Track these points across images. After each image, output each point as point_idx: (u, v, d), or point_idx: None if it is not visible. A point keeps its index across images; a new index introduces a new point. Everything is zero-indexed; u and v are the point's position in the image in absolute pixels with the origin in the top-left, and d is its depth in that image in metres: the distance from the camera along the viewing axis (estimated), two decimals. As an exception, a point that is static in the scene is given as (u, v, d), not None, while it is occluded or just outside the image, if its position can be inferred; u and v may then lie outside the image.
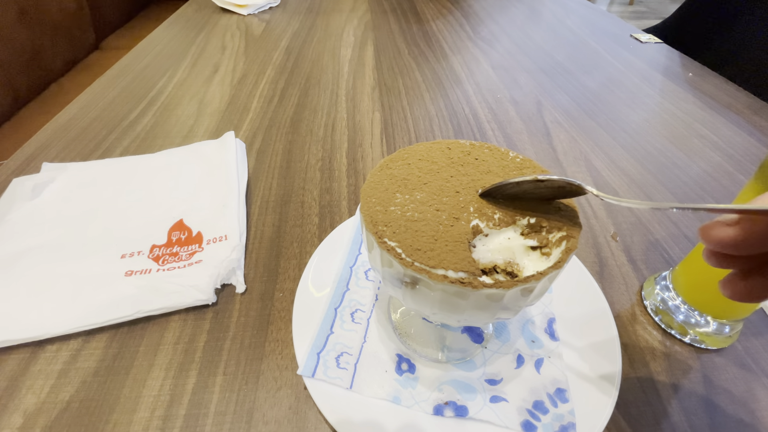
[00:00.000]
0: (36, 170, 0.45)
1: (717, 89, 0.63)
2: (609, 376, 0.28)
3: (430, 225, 0.22)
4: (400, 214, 0.22)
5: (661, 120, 0.57)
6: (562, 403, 0.26)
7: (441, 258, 0.20)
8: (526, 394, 0.27)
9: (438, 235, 0.21)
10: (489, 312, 0.21)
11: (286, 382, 0.29)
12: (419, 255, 0.20)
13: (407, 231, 0.21)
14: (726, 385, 0.29)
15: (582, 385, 0.28)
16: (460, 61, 0.73)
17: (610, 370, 0.28)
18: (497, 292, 0.19)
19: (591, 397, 0.27)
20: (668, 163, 0.49)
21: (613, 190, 0.45)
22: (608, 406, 0.26)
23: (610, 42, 0.79)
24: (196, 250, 0.37)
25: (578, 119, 0.57)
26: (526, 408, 0.27)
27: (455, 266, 0.20)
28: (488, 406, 0.27)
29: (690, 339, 0.31)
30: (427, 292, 0.20)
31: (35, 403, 0.28)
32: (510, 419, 0.26)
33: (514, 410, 0.26)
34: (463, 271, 0.20)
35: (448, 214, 0.22)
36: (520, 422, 0.26)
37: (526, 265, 0.22)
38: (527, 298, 0.21)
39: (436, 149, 0.27)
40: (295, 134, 0.54)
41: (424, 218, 0.22)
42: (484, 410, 0.26)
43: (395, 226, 0.22)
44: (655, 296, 0.34)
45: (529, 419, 0.26)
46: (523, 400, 0.27)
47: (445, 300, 0.20)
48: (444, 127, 0.56)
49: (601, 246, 0.39)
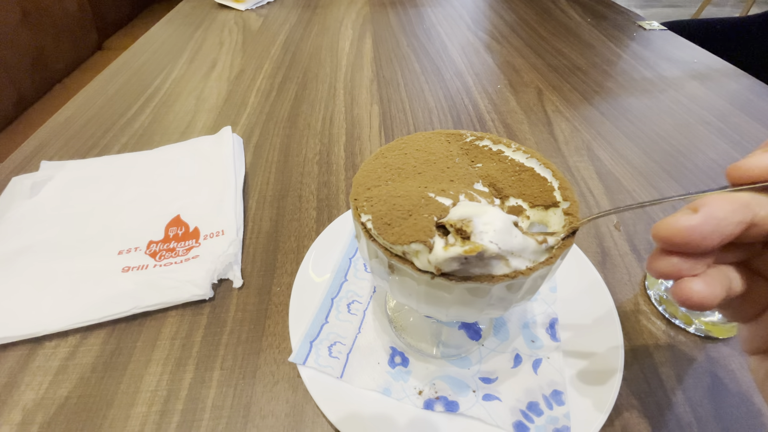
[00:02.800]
0: (35, 168, 0.46)
1: (722, 75, 0.62)
2: (609, 378, 0.27)
3: (410, 200, 0.20)
4: (385, 192, 0.22)
5: (666, 107, 0.56)
6: (558, 406, 0.26)
7: (402, 233, 0.19)
8: (520, 394, 0.27)
9: (414, 210, 0.20)
10: (476, 307, 0.20)
11: (284, 376, 0.29)
12: (386, 230, 0.19)
13: (384, 204, 0.20)
14: (732, 376, 0.28)
15: (581, 386, 0.27)
16: (459, 51, 0.72)
17: (611, 371, 0.27)
18: (481, 286, 0.18)
19: (589, 400, 0.26)
20: (673, 151, 0.48)
21: (617, 179, 0.44)
22: (605, 410, 0.25)
23: (614, 29, 0.78)
24: (193, 245, 0.37)
25: (580, 108, 0.56)
26: (519, 408, 0.26)
27: (409, 239, 0.18)
28: (480, 403, 0.26)
29: (695, 329, 0.30)
30: (410, 283, 0.20)
31: (34, 399, 0.28)
32: (502, 419, 0.25)
33: (506, 410, 0.26)
34: (417, 241, 0.18)
35: (436, 190, 0.21)
36: (512, 422, 0.25)
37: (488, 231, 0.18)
38: (516, 295, 0.20)
39: (435, 140, 0.27)
40: (292, 128, 0.53)
41: (408, 195, 0.21)
42: (476, 407, 0.26)
43: (375, 200, 0.21)
44: (659, 286, 0.33)
45: (522, 420, 0.25)
46: (518, 400, 0.26)
47: (428, 293, 0.20)
48: (443, 118, 0.55)
49: (604, 235, 0.38)
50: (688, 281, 0.15)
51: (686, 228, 0.14)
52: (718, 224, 0.14)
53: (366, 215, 0.21)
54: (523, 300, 0.21)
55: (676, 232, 0.14)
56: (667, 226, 0.15)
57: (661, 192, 0.43)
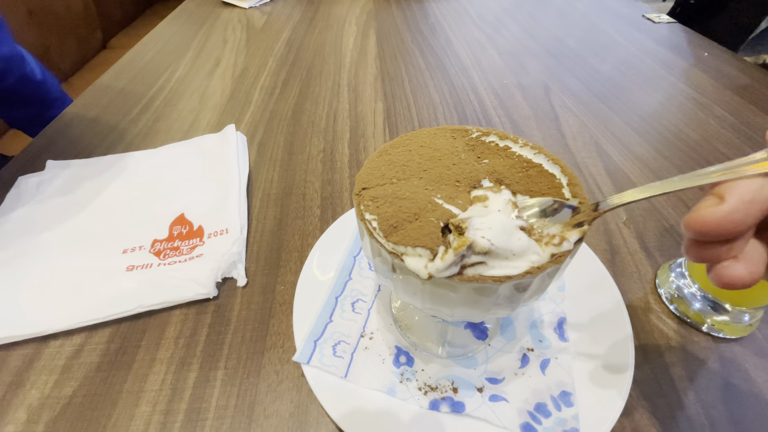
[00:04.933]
0: (41, 168, 0.46)
1: (734, 68, 0.60)
2: (619, 379, 0.26)
3: (417, 203, 0.20)
4: (390, 192, 0.21)
5: (676, 102, 0.55)
6: (567, 407, 0.25)
7: (408, 235, 0.19)
8: (528, 395, 0.26)
9: (421, 214, 0.20)
10: (482, 307, 0.20)
11: (288, 376, 0.28)
12: (392, 232, 0.19)
13: (390, 206, 0.20)
14: (746, 376, 0.28)
15: (590, 387, 0.26)
16: (464, 47, 0.71)
17: (621, 372, 0.26)
18: (488, 286, 0.18)
19: (598, 401, 0.25)
20: (684, 146, 0.47)
21: (626, 176, 0.44)
22: (614, 412, 0.24)
23: (622, 23, 0.76)
24: (197, 243, 0.36)
25: (588, 103, 0.55)
26: (527, 410, 0.25)
27: (415, 242, 0.18)
28: (487, 404, 0.26)
29: (707, 328, 0.30)
30: (414, 281, 0.19)
31: (39, 399, 0.28)
32: (509, 420, 0.25)
33: (514, 411, 0.25)
34: (423, 246, 0.18)
35: (444, 196, 0.21)
36: (519, 424, 0.25)
37: (491, 227, 0.18)
38: (524, 294, 0.19)
39: (440, 136, 0.26)
40: (296, 126, 0.53)
41: (414, 197, 0.21)
42: (482, 408, 0.25)
43: (380, 201, 0.21)
44: (670, 284, 0.32)
45: (530, 422, 0.25)
46: (525, 401, 0.26)
47: (433, 292, 0.19)
48: (449, 114, 0.54)
49: (613, 233, 0.37)
50: (728, 267, 0.15)
51: (717, 220, 0.14)
52: (747, 208, 0.14)
53: (371, 215, 0.20)
54: (532, 299, 0.21)
55: (708, 225, 0.14)
56: (697, 219, 0.14)
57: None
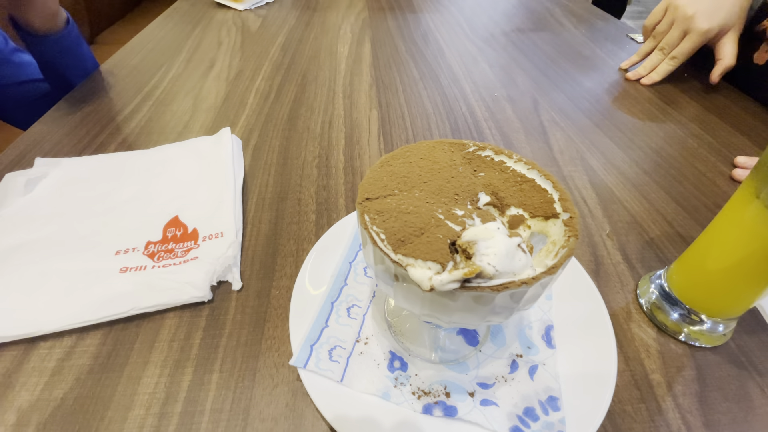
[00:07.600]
0: (29, 165, 0.45)
1: (712, 90, 0.64)
2: (603, 385, 0.27)
3: (421, 218, 0.21)
4: (395, 206, 0.22)
5: (657, 120, 0.57)
6: (554, 412, 0.26)
7: (417, 248, 0.20)
8: (517, 399, 0.27)
9: (426, 229, 0.21)
10: (478, 315, 0.21)
11: (283, 380, 0.29)
12: (400, 245, 0.20)
13: (396, 221, 0.21)
14: (720, 383, 0.29)
15: (576, 393, 0.27)
16: (456, 58, 0.73)
17: (604, 378, 0.27)
18: (485, 294, 0.19)
19: (583, 406, 0.27)
20: (664, 162, 0.50)
21: (609, 189, 0.45)
22: (598, 416, 0.26)
23: (607, 42, 0.80)
24: (192, 246, 0.36)
25: (574, 118, 0.57)
26: (516, 414, 0.26)
27: (425, 256, 0.19)
28: (478, 408, 0.27)
29: (684, 337, 0.31)
30: (415, 290, 0.20)
31: (29, 401, 0.27)
32: (499, 423, 0.26)
33: (503, 415, 0.26)
34: (434, 261, 0.19)
35: (444, 211, 0.22)
36: (509, 427, 0.26)
37: (494, 251, 0.20)
38: (518, 303, 0.20)
39: (439, 149, 0.27)
40: (291, 131, 0.53)
41: (418, 212, 0.22)
42: (474, 412, 0.26)
43: (386, 215, 0.22)
44: (650, 295, 0.34)
45: (519, 425, 0.26)
46: (514, 405, 0.27)
47: (433, 300, 0.20)
48: (441, 125, 0.56)
49: (597, 245, 0.39)
50: None
51: None
52: None
53: (378, 228, 0.21)
54: (525, 307, 0.22)
55: None
56: None
57: (652, 203, 0.44)
